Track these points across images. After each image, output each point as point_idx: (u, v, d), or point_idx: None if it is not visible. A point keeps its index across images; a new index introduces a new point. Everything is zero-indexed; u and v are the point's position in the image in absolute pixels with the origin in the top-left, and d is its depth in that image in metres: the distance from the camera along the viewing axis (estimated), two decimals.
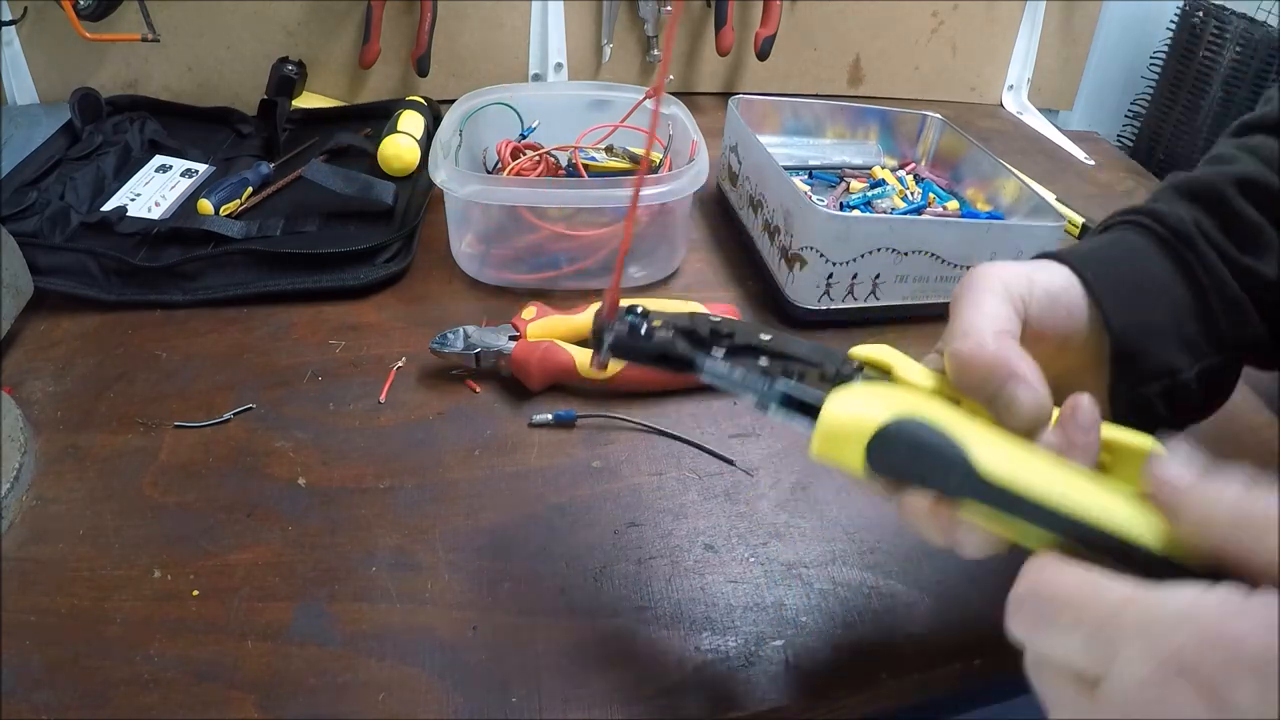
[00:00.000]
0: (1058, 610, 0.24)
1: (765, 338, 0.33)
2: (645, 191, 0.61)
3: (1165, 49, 1.06)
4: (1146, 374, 0.36)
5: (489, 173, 0.73)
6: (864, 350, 0.33)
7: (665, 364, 0.34)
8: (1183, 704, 0.22)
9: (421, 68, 0.89)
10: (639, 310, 0.35)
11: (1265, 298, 0.37)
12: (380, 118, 0.81)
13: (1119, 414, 0.36)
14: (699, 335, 0.34)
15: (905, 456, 0.28)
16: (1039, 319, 0.34)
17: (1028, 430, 0.30)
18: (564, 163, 0.73)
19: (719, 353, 0.33)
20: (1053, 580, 0.25)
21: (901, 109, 0.83)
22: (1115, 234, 0.40)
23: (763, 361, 0.33)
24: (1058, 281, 0.35)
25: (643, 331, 0.34)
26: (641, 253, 0.67)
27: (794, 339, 0.33)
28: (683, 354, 0.33)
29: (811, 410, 0.30)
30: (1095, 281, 0.35)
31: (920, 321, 0.63)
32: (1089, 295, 0.35)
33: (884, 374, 0.32)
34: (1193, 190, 0.40)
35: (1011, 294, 0.33)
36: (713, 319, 0.34)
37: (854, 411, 0.29)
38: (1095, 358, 0.36)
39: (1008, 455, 0.27)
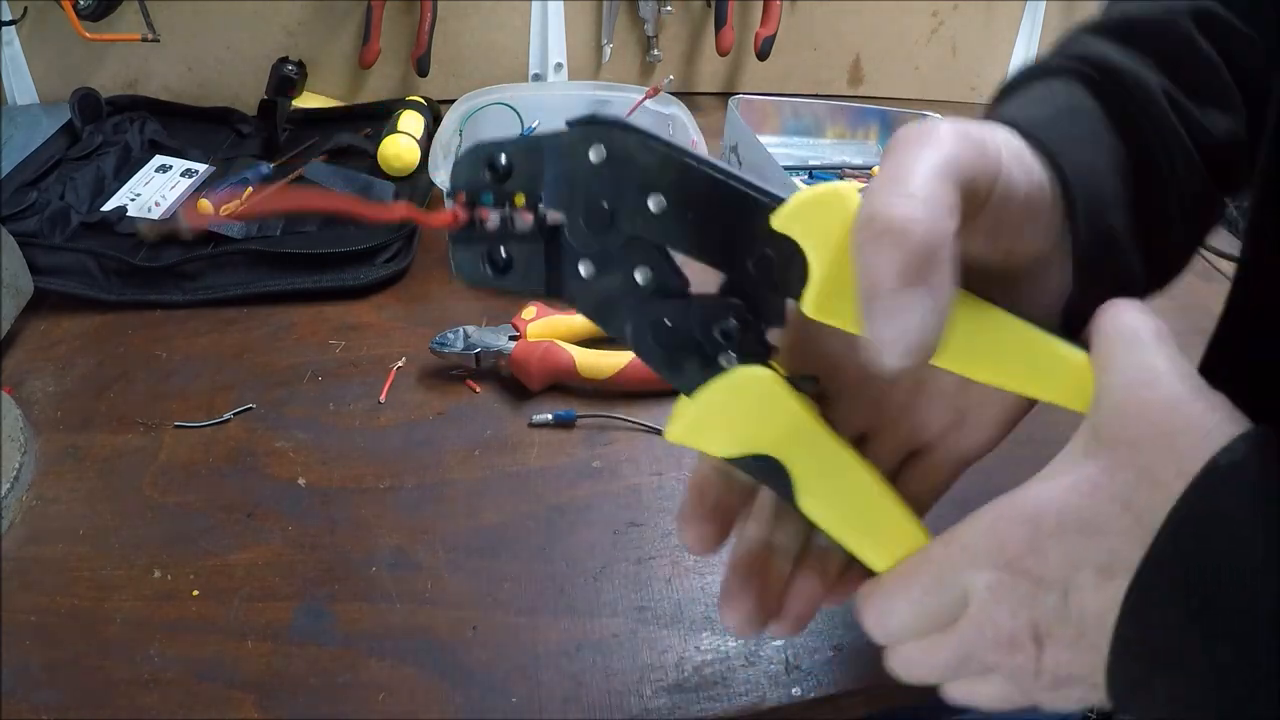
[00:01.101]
0: (905, 589, 0.26)
1: (657, 204, 0.25)
2: None
3: None
4: (1107, 287, 0.29)
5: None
6: (792, 218, 0.25)
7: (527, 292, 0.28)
8: (1021, 589, 0.24)
9: (421, 68, 0.89)
10: (487, 192, 0.27)
11: (1224, 156, 0.32)
12: (380, 118, 0.81)
13: (1085, 277, 0.29)
14: (578, 215, 0.26)
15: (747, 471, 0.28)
16: (1003, 188, 0.25)
17: (899, 365, 0.23)
18: None
19: (588, 267, 0.27)
20: (885, 579, 0.27)
21: (901, 109, 0.83)
22: (1066, 92, 0.32)
23: (642, 274, 0.27)
24: (1033, 190, 0.26)
25: (487, 269, 0.28)
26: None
27: (701, 196, 0.25)
28: (543, 291, 0.27)
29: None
30: (1078, 197, 0.27)
31: None
32: (1065, 204, 0.27)
33: (801, 271, 0.25)
34: (1139, 29, 0.33)
35: (970, 178, 0.23)
36: (589, 158, 0.26)
37: (704, 433, 0.27)
38: (1051, 229, 0.28)
39: (829, 497, 0.27)
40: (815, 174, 0.80)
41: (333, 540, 0.44)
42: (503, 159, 0.26)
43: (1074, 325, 0.28)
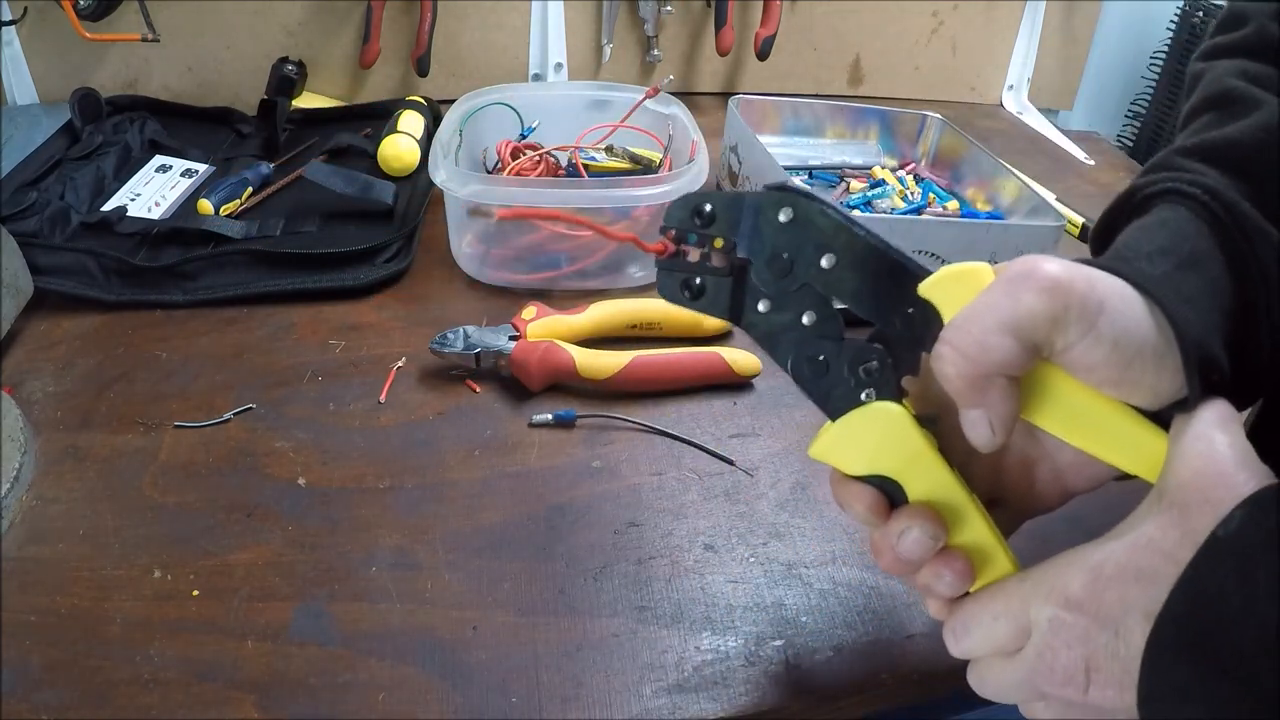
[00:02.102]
0: (981, 613, 0.31)
1: (828, 262, 0.32)
2: (645, 191, 0.61)
3: (1165, 49, 1.06)
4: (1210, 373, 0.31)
5: (489, 173, 0.73)
6: (937, 285, 0.30)
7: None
8: (1080, 625, 0.28)
9: (421, 68, 0.89)
10: (693, 234, 0.34)
11: None
12: (380, 118, 0.81)
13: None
14: (762, 264, 0.33)
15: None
16: (1093, 327, 0.28)
17: (980, 449, 0.31)
18: (564, 163, 0.73)
19: (765, 305, 0.33)
20: (968, 602, 0.32)
21: (901, 109, 0.83)
22: (1174, 225, 0.34)
23: (809, 317, 0.33)
24: (1138, 331, 0.29)
25: (685, 293, 0.34)
26: (642, 252, 0.67)
27: (861, 258, 0.31)
28: (724, 316, 0.34)
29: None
30: (1190, 345, 0.29)
31: None
32: (1169, 344, 0.29)
33: (937, 327, 0.30)
34: (1238, 164, 0.35)
35: (1056, 319, 0.28)
36: (779, 219, 0.32)
37: (841, 452, 0.33)
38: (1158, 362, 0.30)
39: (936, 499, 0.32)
40: (815, 174, 0.80)
41: (333, 540, 0.44)
42: (707, 207, 0.33)
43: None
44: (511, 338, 0.55)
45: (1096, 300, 0.28)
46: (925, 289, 0.31)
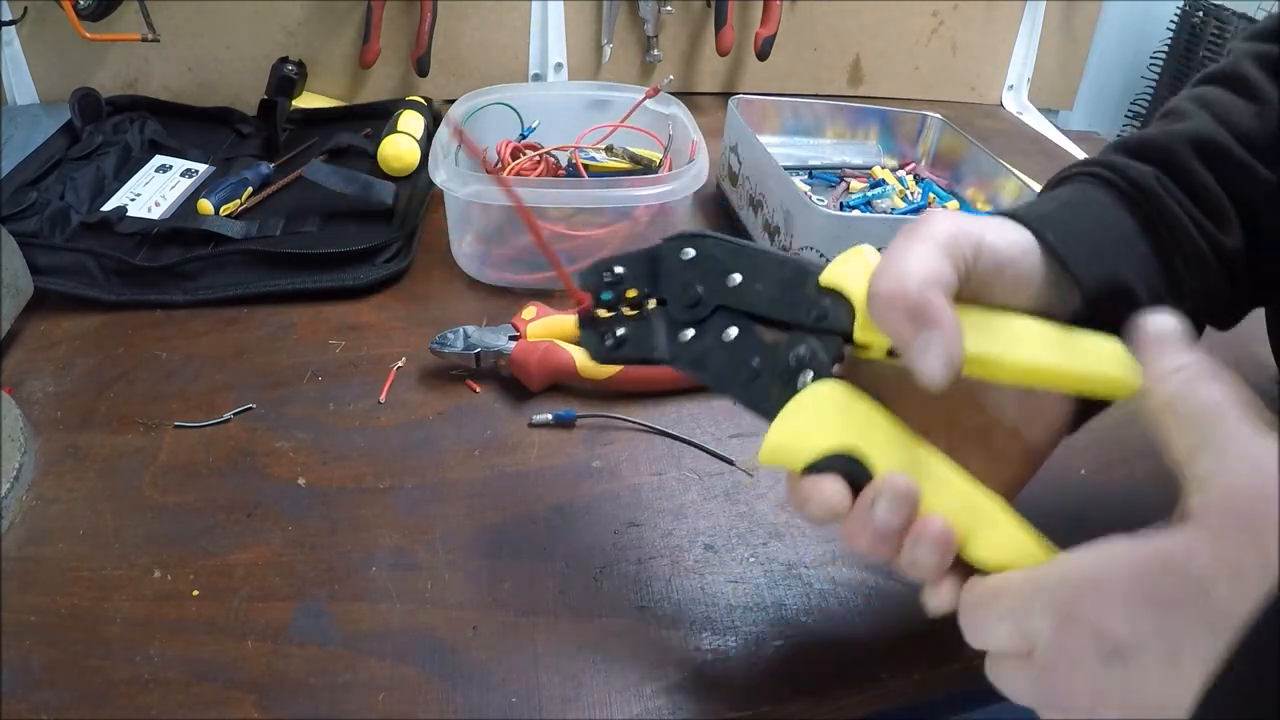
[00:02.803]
0: (986, 609, 0.29)
1: (734, 281, 0.34)
2: (645, 191, 0.61)
3: (1165, 49, 1.06)
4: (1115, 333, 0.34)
5: (489, 172, 0.73)
6: (835, 276, 0.32)
7: (642, 363, 0.36)
8: (1080, 647, 0.25)
9: (421, 68, 0.89)
10: (606, 292, 0.36)
11: (1225, 267, 0.36)
12: (380, 118, 0.81)
13: (1097, 320, 0.34)
14: (672, 303, 0.35)
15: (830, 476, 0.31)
16: (982, 283, 0.32)
17: (936, 386, 0.29)
18: (564, 163, 0.73)
19: (688, 333, 0.34)
20: (977, 589, 0.29)
21: (901, 109, 0.83)
22: (1074, 188, 0.37)
23: (730, 333, 0.33)
24: (1011, 247, 0.32)
25: (609, 343, 0.36)
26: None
27: (765, 268, 0.33)
28: (653, 359, 0.35)
29: (760, 415, 0.32)
30: (1058, 243, 0.33)
31: None
32: (1051, 256, 0.33)
33: (847, 316, 0.32)
34: (1144, 151, 0.38)
35: (954, 249, 0.30)
36: (681, 257, 0.35)
37: (778, 455, 0.31)
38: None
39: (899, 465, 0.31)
40: (815, 174, 0.80)
41: (333, 540, 0.44)
42: (617, 268, 0.36)
43: None
44: (511, 338, 0.55)
45: (978, 230, 0.31)
46: (825, 278, 0.32)
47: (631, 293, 0.36)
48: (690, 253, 0.35)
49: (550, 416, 0.53)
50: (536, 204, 0.63)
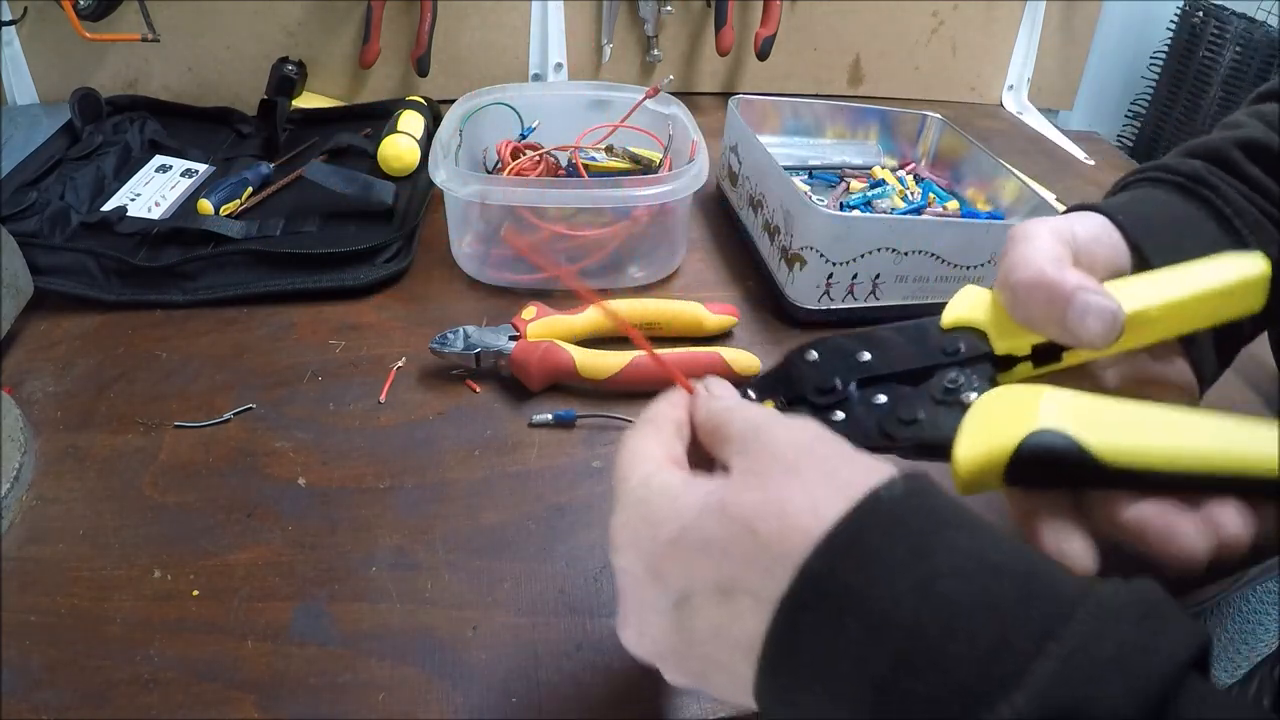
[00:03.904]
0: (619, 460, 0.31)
1: (864, 358, 0.34)
2: (645, 191, 0.61)
3: (1165, 49, 1.06)
4: None
5: (489, 173, 0.73)
6: (953, 315, 0.34)
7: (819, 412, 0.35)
8: (655, 593, 0.27)
9: (421, 68, 0.89)
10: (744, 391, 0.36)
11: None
12: (380, 118, 0.81)
13: (1196, 351, 0.37)
14: (802, 394, 0.35)
15: (1039, 473, 0.28)
16: (1087, 260, 0.34)
17: (1106, 343, 0.30)
18: (564, 163, 0.73)
19: (837, 415, 0.34)
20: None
21: (901, 109, 0.83)
22: (1135, 191, 0.40)
23: (879, 398, 0.33)
24: (1096, 227, 0.35)
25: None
26: (642, 253, 0.67)
27: (889, 340, 0.35)
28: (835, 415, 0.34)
29: (942, 450, 0.30)
30: (1129, 225, 0.35)
31: None
32: (1126, 239, 0.35)
33: (983, 340, 0.33)
34: (1196, 151, 0.40)
35: (1060, 235, 0.33)
36: (806, 360, 0.35)
37: (980, 454, 0.29)
38: None
39: (1123, 435, 0.27)
40: (815, 174, 0.80)
41: (333, 540, 0.44)
42: (749, 392, 0.36)
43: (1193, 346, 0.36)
44: (511, 338, 0.55)
45: (1065, 220, 0.35)
46: (946, 321, 0.34)
47: (769, 404, 0.35)
48: (814, 354, 0.35)
49: (550, 416, 0.53)
50: (536, 204, 0.63)
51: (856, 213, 0.72)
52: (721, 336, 0.61)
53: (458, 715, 0.37)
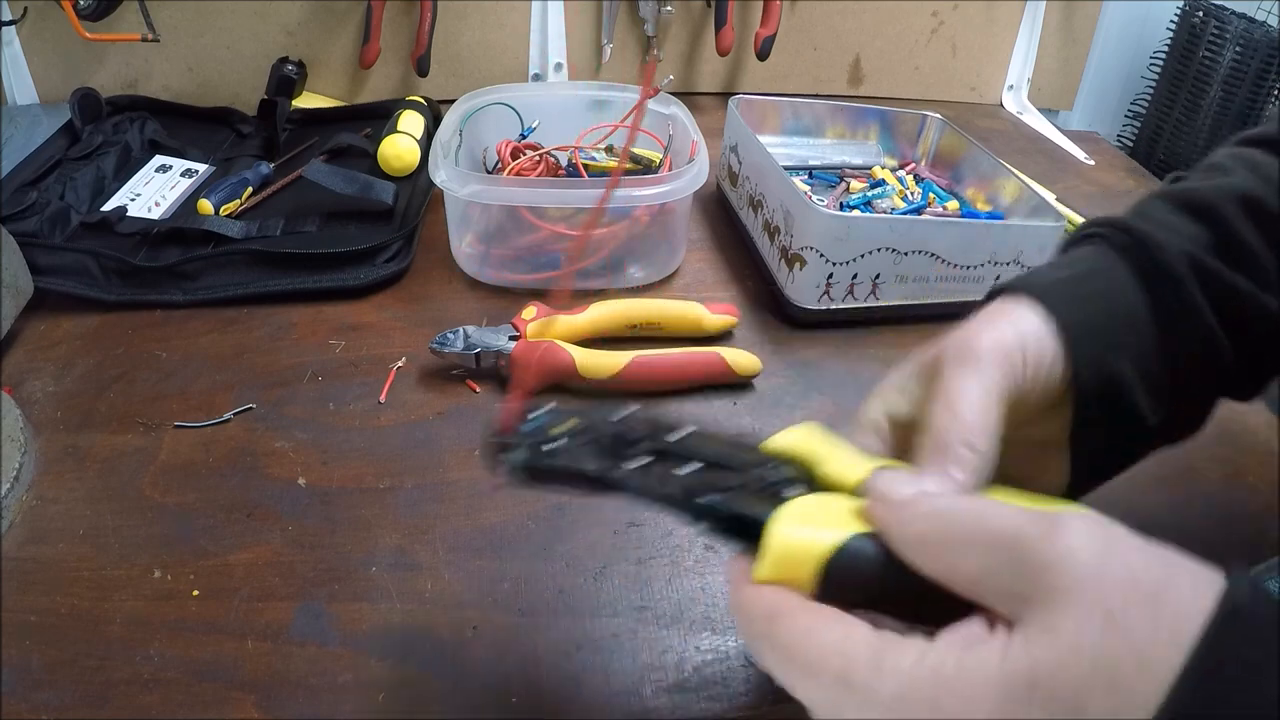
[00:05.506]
0: (794, 658, 0.23)
1: (674, 437, 0.30)
2: (645, 191, 0.61)
3: (1165, 49, 1.06)
4: (1113, 427, 0.33)
5: (489, 173, 0.73)
6: (780, 441, 0.30)
7: (577, 485, 0.29)
8: None
9: (421, 68, 0.89)
10: (539, 415, 0.31)
11: (1260, 328, 0.35)
12: (380, 118, 0.81)
13: (1079, 462, 0.34)
14: (618, 440, 0.30)
15: (861, 577, 0.25)
16: (1025, 393, 0.31)
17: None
18: (564, 163, 0.73)
19: (633, 464, 0.29)
20: (788, 625, 0.24)
21: (901, 109, 0.83)
22: (1094, 257, 0.36)
23: (683, 470, 0.29)
24: (1041, 345, 0.31)
25: (545, 449, 0.30)
26: (641, 253, 0.67)
27: (706, 434, 0.30)
28: (594, 473, 0.29)
29: (749, 528, 0.27)
30: (1071, 329, 0.32)
31: (919, 321, 0.63)
32: (1063, 343, 0.32)
33: (804, 470, 0.29)
34: (1192, 205, 0.37)
35: (1007, 375, 0.30)
36: (615, 417, 0.31)
37: (802, 535, 0.25)
38: (1057, 402, 0.33)
39: None
40: (815, 174, 0.80)
41: (333, 540, 0.44)
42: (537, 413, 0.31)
43: (1079, 457, 0.33)
44: (511, 338, 0.55)
45: (1020, 352, 0.31)
46: (768, 447, 0.30)
47: (560, 426, 0.30)
48: (619, 414, 0.31)
49: None
50: (536, 204, 0.63)
51: (856, 213, 0.72)
52: (721, 336, 0.61)
53: (458, 715, 0.37)
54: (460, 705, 0.37)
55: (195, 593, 0.41)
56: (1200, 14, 1.00)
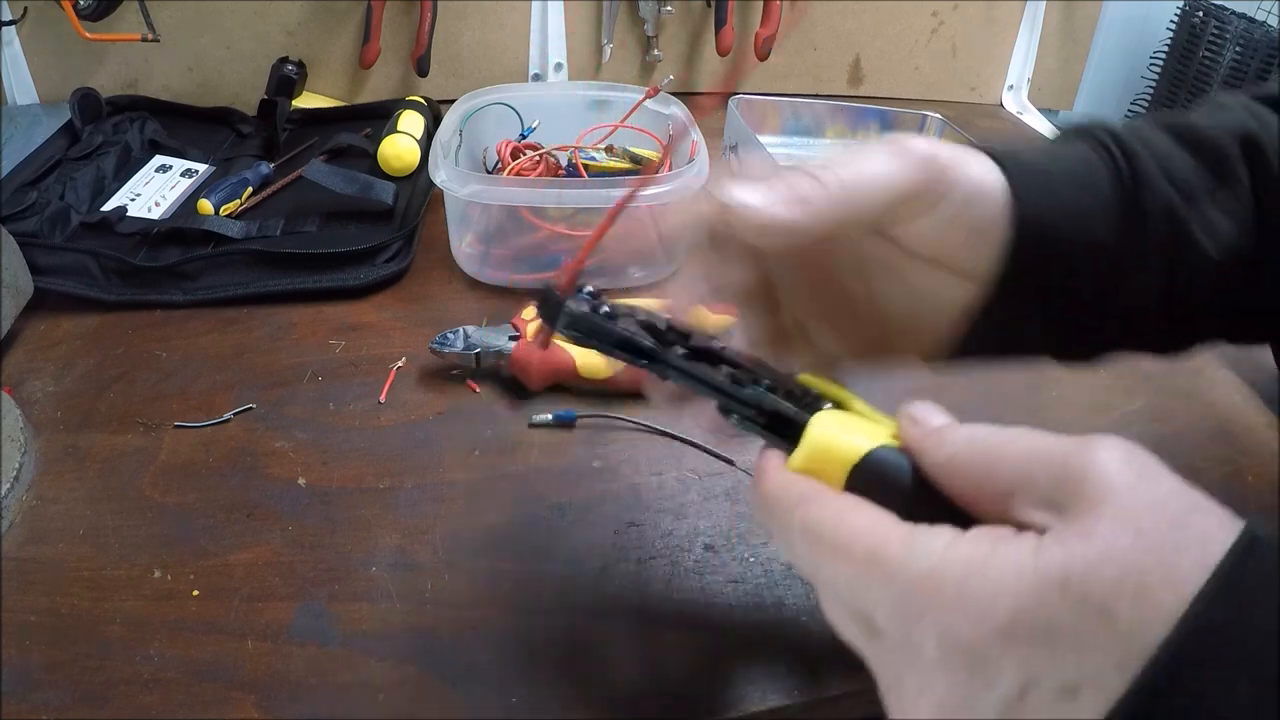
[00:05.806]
0: (824, 538, 0.24)
1: (719, 344, 0.31)
2: (645, 191, 0.61)
3: (1165, 49, 1.06)
4: (1037, 284, 0.31)
5: (489, 173, 0.73)
6: (814, 380, 0.30)
7: (624, 351, 0.30)
8: (979, 693, 0.21)
9: (421, 68, 0.89)
10: (594, 291, 0.32)
11: (1202, 281, 0.33)
12: (380, 118, 0.81)
13: (982, 313, 0.32)
14: (657, 329, 0.31)
15: (887, 488, 0.26)
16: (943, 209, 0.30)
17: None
18: (564, 163, 0.73)
19: (679, 351, 0.30)
20: (816, 510, 0.25)
21: (901, 109, 0.83)
22: (1072, 147, 0.34)
23: (724, 368, 0.30)
24: (985, 180, 0.30)
25: (603, 311, 0.31)
26: (643, 256, 0.67)
27: (747, 354, 0.31)
28: (645, 345, 0.30)
29: (785, 426, 0.28)
30: (1018, 179, 0.30)
31: None
32: (1009, 191, 0.30)
33: (837, 402, 0.29)
34: (1196, 141, 0.34)
35: (911, 182, 0.30)
36: (667, 316, 0.32)
37: (840, 436, 0.27)
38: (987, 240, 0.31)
39: None
40: None
41: (333, 540, 0.44)
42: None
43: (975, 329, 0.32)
44: (511, 338, 0.55)
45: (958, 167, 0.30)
46: (807, 379, 0.30)
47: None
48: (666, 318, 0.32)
49: (550, 416, 0.53)
50: (536, 204, 0.63)
51: None
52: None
53: (458, 715, 0.37)
54: (460, 705, 0.37)
55: (195, 593, 0.41)
56: (1200, 14, 1.00)
